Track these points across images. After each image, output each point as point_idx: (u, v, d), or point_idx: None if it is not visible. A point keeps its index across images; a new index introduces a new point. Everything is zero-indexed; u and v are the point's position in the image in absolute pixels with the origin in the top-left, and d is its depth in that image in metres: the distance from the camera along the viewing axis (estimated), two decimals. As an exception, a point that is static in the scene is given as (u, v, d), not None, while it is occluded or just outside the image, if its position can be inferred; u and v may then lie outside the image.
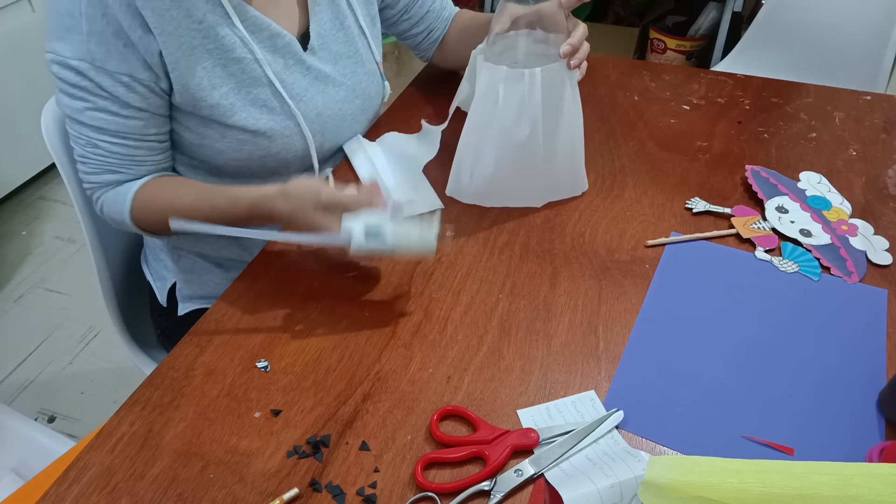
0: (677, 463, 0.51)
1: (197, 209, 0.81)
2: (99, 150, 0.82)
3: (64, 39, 0.75)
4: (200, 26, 0.79)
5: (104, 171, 0.84)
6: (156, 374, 0.71)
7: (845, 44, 1.78)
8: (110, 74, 0.77)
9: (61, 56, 0.75)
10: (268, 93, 0.86)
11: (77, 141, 0.82)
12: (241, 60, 0.84)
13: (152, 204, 0.84)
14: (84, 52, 0.75)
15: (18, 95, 2.09)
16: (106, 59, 0.76)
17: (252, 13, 0.83)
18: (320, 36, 0.92)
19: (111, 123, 0.80)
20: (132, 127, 0.81)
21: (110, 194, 0.85)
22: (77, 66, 0.76)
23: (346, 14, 0.95)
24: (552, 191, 0.93)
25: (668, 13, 2.74)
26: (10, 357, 1.75)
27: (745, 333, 0.74)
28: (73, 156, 0.93)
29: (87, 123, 0.79)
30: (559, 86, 0.83)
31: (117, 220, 0.86)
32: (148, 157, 0.85)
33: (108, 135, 0.81)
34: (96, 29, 0.74)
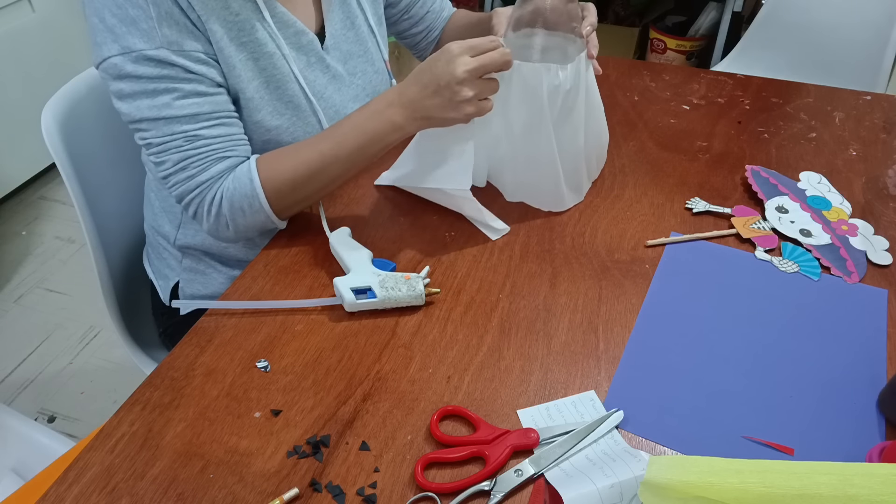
0: (677, 463, 0.51)
1: (328, 137, 0.80)
2: (202, 141, 0.79)
3: (133, 32, 0.73)
4: (237, 18, 0.80)
5: (214, 160, 0.80)
6: (156, 374, 0.71)
7: (845, 44, 1.78)
8: (189, 55, 0.76)
9: (136, 50, 0.73)
10: (295, 89, 0.87)
11: (170, 145, 0.78)
12: (272, 56, 0.84)
13: (279, 165, 0.81)
14: (160, 38, 0.73)
15: (18, 95, 2.08)
16: (181, 39, 0.75)
17: (280, 9, 0.84)
18: (333, 35, 0.92)
19: (205, 105, 0.78)
20: (222, 104, 0.80)
21: (228, 181, 0.81)
22: (156, 55, 0.74)
23: (357, 13, 0.96)
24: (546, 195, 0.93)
25: (668, 13, 2.74)
26: (10, 357, 1.75)
27: (746, 333, 0.74)
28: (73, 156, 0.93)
29: (179, 115, 0.76)
30: (578, 82, 0.83)
31: (244, 207, 0.81)
32: (243, 135, 0.84)
33: (204, 120, 0.78)
34: (164, 10, 0.73)
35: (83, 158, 0.95)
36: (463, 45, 0.73)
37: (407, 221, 0.91)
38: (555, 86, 0.81)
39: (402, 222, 0.91)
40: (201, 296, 1.00)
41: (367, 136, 0.79)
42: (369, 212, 0.93)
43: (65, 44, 2.18)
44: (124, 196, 1.05)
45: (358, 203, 0.94)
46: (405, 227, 0.90)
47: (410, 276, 0.77)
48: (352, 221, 0.90)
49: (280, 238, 0.89)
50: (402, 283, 0.76)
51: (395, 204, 0.94)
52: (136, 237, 1.09)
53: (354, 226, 0.89)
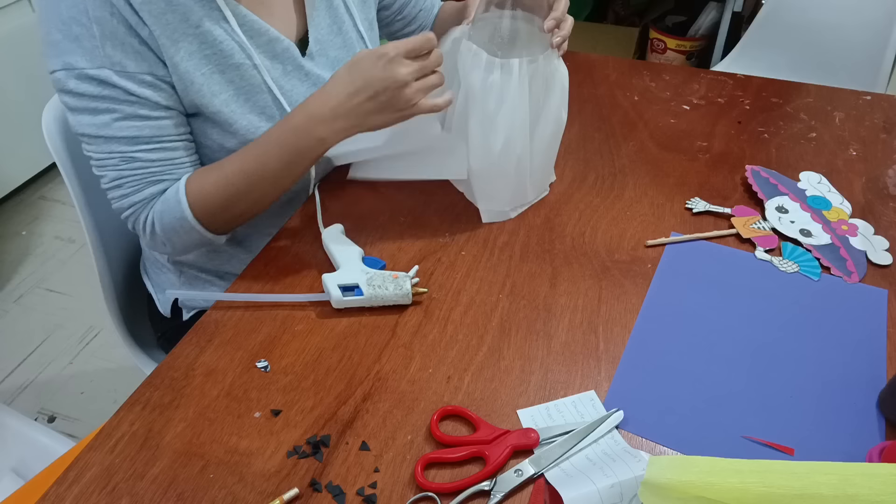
0: (677, 463, 0.51)
1: (252, 156, 0.78)
2: (138, 164, 0.78)
3: (76, 50, 0.71)
4: (197, 31, 0.77)
5: (147, 183, 0.79)
6: (156, 374, 0.71)
7: (845, 44, 1.78)
8: (132, 77, 0.74)
9: (77, 68, 0.71)
10: (267, 100, 0.85)
11: (107, 163, 0.77)
12: (240, 66, 0.81)
13: (206, 185, 0.79)
14: (102, 58, 0.72)
15: (18, 95, 2.08)
16: (124, 60, 0.73)
17: (250, 17, 0.81)
18: (318, 41, 0.90)
19: (145, 129, 0.76)
20: (166, 128, 0.78)
21: (159, 204, 0.80)
22: (97, 75, 0.72)
23: (345, 19, 0.94)
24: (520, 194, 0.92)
25: (668, 13, 2.74)
26: (10, 357, 1.75)
27: (746, 333, 0.74)
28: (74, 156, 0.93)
29: (118, 136, 0.75)
30: (542, 76, 0.82)
31: (175, 227, 0.81)
32: (186, 158, 0.82)
33: (143, 143, 0.77)
34: (108, 30, 0.71)
35: (83, 158, 0.94)
36: (399, 47, 0.71)
37: (407, 221, 0.91)
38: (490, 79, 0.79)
39: (403, 222, 0.91)
40: (202, 308, 0.99)
41: (291, 153, 0.78)
42: (369, 211, 0.93)
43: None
44: (124, 196, 1.05)
45: (358, 202, 0.94)
46: (405, 226, 0.90)
47: (398, 274, 0.78)
48: (351, 220, 0.90)
49: (280, 238, 0.89)
50: (390, 282, 0.77)
51: (395, 203, 0.94)
52: (136, 238, 1.09)
53: (354, 224, 0.89)
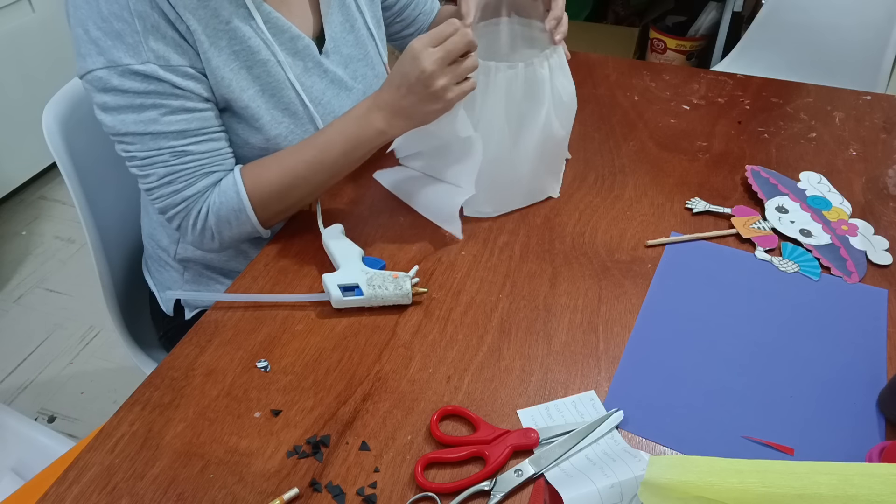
0: (677, 463, 0.51)
1: (313, 145, 0.81)
2: (189, 157, 0.78)
3: (119, 46, 0.71)
4: (227, 27, 0.78)
5: (199, 176, 0.80)
6: (156, 374, 0.71)
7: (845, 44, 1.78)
8: (176, 70, 0.74)
9: (122, 64, 0.71)
10: (291, 96, 0.86)
11: (156, 160, 0.77)
12: (266, 63, 0.83)
13: (264, 175, 0.81)
14: (146, 52, 0.72)
15: (18, 95, 2.08)
16: (168, 54, 0.73)
17: (273, 15, 0.83)
18: (333, 39, 0.91)
19: (193, 121, 0.77)
20: (210, 119, 0.79)
21: (214, 195, 0.81)
22: (143, 70, 0.72)
23: (356, 17, 0.95)
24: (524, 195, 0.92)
25: (668, 13, 2.74)
26: (10, 357, 1.75)
27: (746, 333, 0.74)
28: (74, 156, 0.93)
29: (166, 132, 0.76)
30: (524, 83, 0.82)
31: (229, 218, 0.81)
32: (229, 148, 0.83)
33: (192, 136, 0.77)
34: (150, 24, 0.71)
35: (84, 158, 0.95)
36: (423, 39, 0.73)
37: (407, 221, 0.91)
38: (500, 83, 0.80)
39: (402, 222, 0.91)
40: (205, 307, 0.99)
41: (351, 142, 0.79)
42: (369, 211, 0.93)
43: (65, 44, 2.17)
44: (124, 196, 1.05)
45: (358, 202, 0.94)
46: (405, 226, 0.90)
47: (398, 274, 0.78)
48: (351, 220, 0.90)
49: (280, 238, 0.89)
50: (390, 282, 0.77)
51: (395, 203, 0.94)
52: (136, 237, 1.09)
53: (354, 224, 0.89)
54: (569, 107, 0.86)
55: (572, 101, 0.86)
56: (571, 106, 0.87)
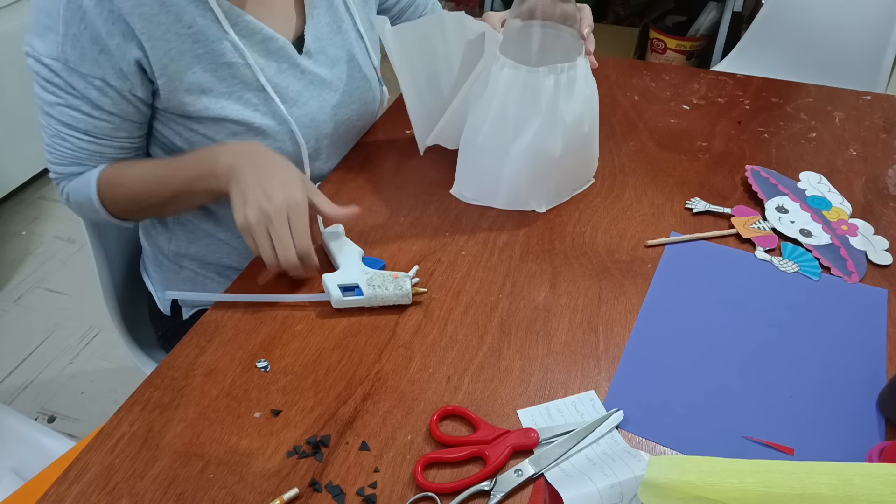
0: (677, 463, 0.51)
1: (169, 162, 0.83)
2: (67, 144, 0.82)
3: (40, 36, 0.75)
4: (190, 31, 0.78)
5: (70, 163, 0.84)
6: (156, 374, 0.71)
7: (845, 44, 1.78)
8: (83, 76, 0.76)
9: (36, 51, 0.76)
10: (259, 98, 0.85)
11: (45, 130, 0.82)
12: (233, 65, 0.82)
13: (120, 177, 0.84)
14: (58, 52, 0.75)
15: (18, 95, 2.09)
16: (80, 61, 0.75)
17: (244, 17, 0.82)
18: (317, 39, 0.91)
19: (81, 122, 0.80)
20: (102, 128, 0.81)
21: (74, 181, 0.85)
22: (49, 65, 0.76)
23: (345, 18, 0.95)
24: (561, 191, 0.94)
25: (668, 13, 2.74)
26: (10, 357, 1.75)
27: (746, 333, 0.75)
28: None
29: (56, 117, 0.79)
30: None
31: (84, 205, 0.86)
32: (116, 155, 0.85)
33: (76, 131, 0.80)
34: (72, 32, 0.73)
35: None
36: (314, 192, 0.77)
37: (407, 221, 0.91)
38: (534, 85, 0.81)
39: (402, 222, 0.91)
40: (203, 302, 0.99)
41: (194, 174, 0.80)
42: (369, 211, 0.93)
43: (65, 44, 2.18)
44: (124, 196, 1.05)
45: (358, 202, 0.94)
46: (405, 226, 0.90)
47: (398, 274, 0.78)
48: (351, 220, 0.90)
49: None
50: (390, 282, 0.77)
51: (395, 203, 0.94)
52: (135, 237, 1.09)
53: (354, 224, 0.89)
54: (572, 130, 0.84)
55: (577, 124, 0.85)
56: (575, 129, 0.85)
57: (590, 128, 0.87)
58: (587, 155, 0.93)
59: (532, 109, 0.82)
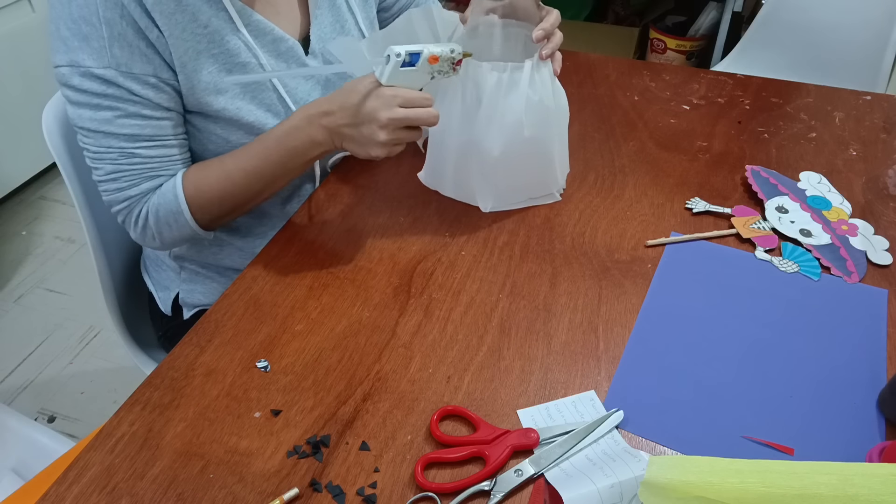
0: (677, 463, 0.51)
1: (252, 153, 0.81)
2: (136, 159, 0.79)
3: (84, 48, 0.72)
4: (206, 31, 0.79)
5: (144, 178, 0.81)
6: (156, 374, 0.71)
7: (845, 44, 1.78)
8: (137, 78, 0.75)
9: (84, 66, 0.73)
10: (273, 98, 0.86)
11: (105, 156, 0.78)
12: (246, 66, 0.83)
13: (204, 181, 0.82)
14: (108, 58, 0.73)
15: (18, 95, 2.08)
16: (131, 62, 0.74)
17: (255, 17, 0.83)
18: (321, 39, 0.91)
19: (146, 128, 0.78)
20: (165, 128, 0.80)
21: (155, 198, 0.82)
22: (103, 75, 0.73)
23: (347, 17, 0.95)
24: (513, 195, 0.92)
25: (668, 13, 2.74)
26: (10, 357, 1.75)
27: (746, 333, 0.74)
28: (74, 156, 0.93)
29: (119, 133, 0.77)
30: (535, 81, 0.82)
31: (169, 221, 0.83)
32: (181, 156, 0.84)
33: (143, 140, 0.78)
34: (117, 31, 0.72)
35: (83, 158, 0.94)
36: (398, 93, 0.73)
37: (407, 221, 0.91)
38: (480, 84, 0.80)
39: (402, 222, 0.91)
40: (203, 303, 0.99)
41: (289, 152, 0.80)
42: (369, 211, 0.93)
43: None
44: (124, 196, 1.05)
45: (358, 202, 0.94)
46: (405, 226, 0.90)
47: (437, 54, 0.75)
48: (351, 220, 0.90)
49: (280, 238, 0.89)
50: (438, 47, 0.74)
51: (395, 203, 0.94)
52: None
53: (354, 224, 0.89)
54: (511, 131, 0.82)
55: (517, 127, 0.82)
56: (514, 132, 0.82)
57: (534, 134, 0.83)
58: (541, 164, 0.90)
59: (474, 104, 0.82)
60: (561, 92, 0.87)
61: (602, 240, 0.87)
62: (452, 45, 0.75)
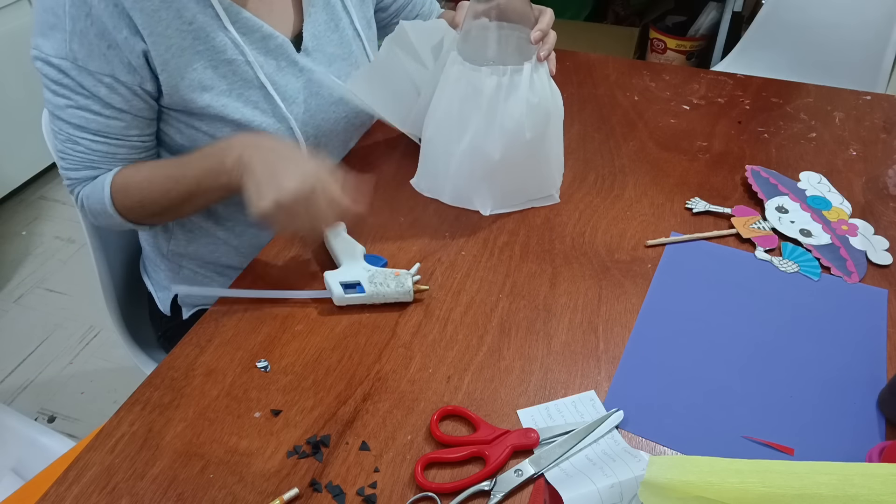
0: (677, 463, 0.51)
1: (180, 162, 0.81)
2: (79, 147, 0.81)
3: (47, 36, 0.74)
4: (191, 27, 0.78)
5: (84, 167, 0.83)
6: (156, 375, 0.71)
7: (845, 44, 1.78)
8: (92, 74, 0.76)
9: (44, 53, 0.75)
10: (259, 95, 0.86)
11: (57, 136, 0.81)
12: (233, 62, 0.83)
13: (133, 180, 0.83)
14: (66, 50, 0.74)
15: (18, 95, 2.08)
16: (88, 58, 0.75)
17: (244, 15, 0.83)
18: (314, 37, 0.91)
19: (92, 122, 0.79)
20: (114, 127, 0.80)
21: (88, 187, 0.84)
22: (59, 65, 0.75)
23: (342, 16, 0.95)
24: (512, 197, 0.92)
25: (668, 13, 2.74)
26: (10, 357, 1.75)
27: (746, 333, 0.74)
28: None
29: (67, 121, 0.79)
30: (532, 82, 0.82)
31: (98, 211, 0.84)
32: (129, 155, 0.84)
33: (88, 132, 0.80)
34: (79, 28, 0.73)
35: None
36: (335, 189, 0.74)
37: (407, 221, 0.91)
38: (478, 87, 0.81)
39: (402, 222, 0.91)
40: (202, 303, 0.99)
41: (204, 170, 0.78)
42: (369, 211, 0.93)
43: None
44: (124, 196, 1.05)
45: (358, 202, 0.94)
46: (405, 226, 0.90)
47: (400, 272, 0.78)
48: (351, 219, 0.90)
49: (280, 238, 0.89)
50: (392, 280, 0.77)
51: (395, 203, 0.94)
52: (135, 237, 1.09)
53: (354, 224, 0.89)
54: (511, 135, 0.82)
55: (517, 130, 0.82)
56: (515, 135, 0.82)
57: (534, 136, 0.83)
58: (540, 166, 0.89)
59: (474, 108, 0.82)
60: (557, 93, 0.87)
61: (602, 240, 0.87)
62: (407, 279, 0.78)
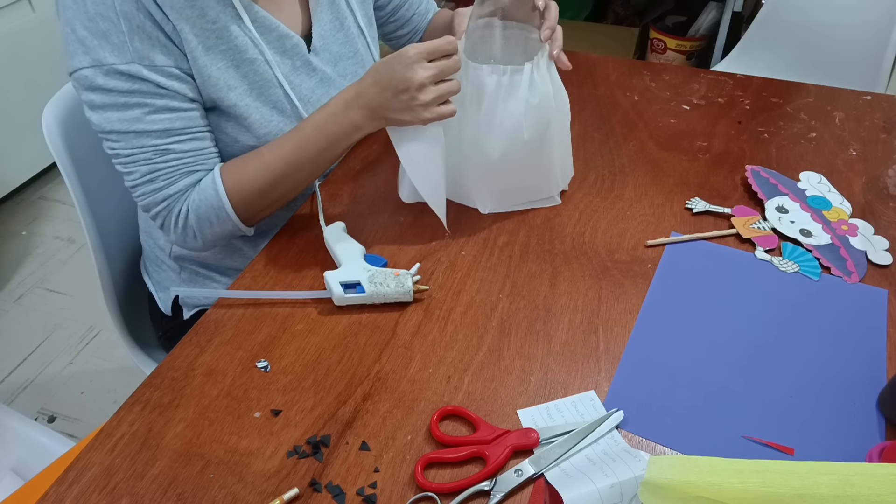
0: (677, 463, 0.51)
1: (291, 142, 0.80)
2: (172, 156, 0.78)
3: (104, 46, 0.72)
4: (214, 26, 0.79)
5: (182, 174, 0.80)
6: (156, 374, 0.71)
7: (845, 44, 1.78)
8: (159, 70, 0.75)
9: (107, 64, 0.72)
10: (279, 94, 0.86)
11: (138, 158, 0.77)
12: (254, 62, 0.83)
13: (244, 173, 0.81)
14: (130, 53, 0.72)
15: (18, 95, 2.08)
16: (152, 54, 0.74)
17: (262, 14, 0.83)
18: (322, 37, 0.91)
19: (177, 121, 0.77)
20: (194, 119, 0.79)
21: (195, 194, 0.81)
22: (128, 70, 0.73)
23: (346, 14, 0.95)
24: (516, 196, 0.92)
25: (668, 13, 2.74)
26: (10, 357, 1.75)
27: (746, 333, 0.74)
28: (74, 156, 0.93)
29: (150, 130, 0.76)
30: (541, 79, 0.81)
31: (209, 217, 0.81)
32: (213, 148, 0.83)
33: (176, 135, 0.78)
34: (136, 24, 0.72)
35: (83, 158, 0.95)
36: (420, 49, 0.73)
37: (407, 221, 0.91)
38: (491, 86, 0.80)
39: (402, 222, 0.91)
40: (203, 305, 0.99)
41: (328, 138, 0.79)
42: (369, 210, 0.93)
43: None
44: (124, 196, 1.05)
45: (358, 202, 0.94)
46: (405, 226, 0.90)
47: (400, 272, 0.78)
48: (351, 220, 0.90)
49: (280, 238, 0.89)
50: (391, 279, 0.77)
51: (395, 203, 0.94)
52: (136, 237, 1.09)
53: (354, 224, 0.89)
54: (511, 135, 0.82)
55: (516, 130, 0.81)
56: (514, 136, 0.82)
57: (532, 137, 0.82)
58: (541, 168, 0.89)
59: (474, 106, 0.82)
60: (563, 96, 0.87)
61: (602, 240, 0.87)
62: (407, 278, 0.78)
